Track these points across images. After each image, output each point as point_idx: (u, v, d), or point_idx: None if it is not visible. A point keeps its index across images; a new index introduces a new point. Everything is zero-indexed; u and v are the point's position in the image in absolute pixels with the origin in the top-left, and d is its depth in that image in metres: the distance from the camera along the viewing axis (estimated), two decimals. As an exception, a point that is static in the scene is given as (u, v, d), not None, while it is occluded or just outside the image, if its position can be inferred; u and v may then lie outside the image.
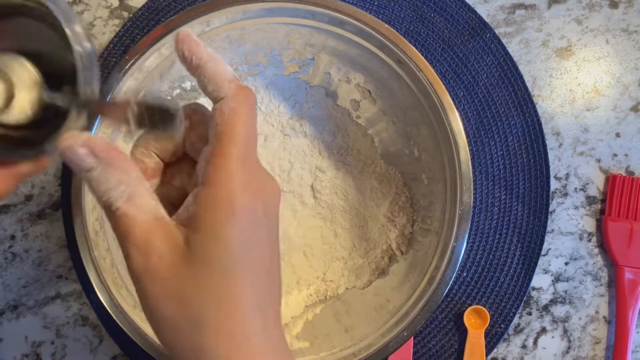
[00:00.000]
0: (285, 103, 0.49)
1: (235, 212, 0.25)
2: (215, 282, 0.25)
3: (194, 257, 0.25)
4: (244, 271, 0.25)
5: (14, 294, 0.49)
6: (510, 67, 0.51)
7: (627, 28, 0.53)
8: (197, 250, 0.25)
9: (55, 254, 0.49)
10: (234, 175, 0.25)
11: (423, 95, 0.42)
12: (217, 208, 0.25)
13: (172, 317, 0.25)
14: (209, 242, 0.25)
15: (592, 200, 0.52)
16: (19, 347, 0.49)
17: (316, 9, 0.42)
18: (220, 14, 0.42)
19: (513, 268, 0.50)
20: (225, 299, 0.25)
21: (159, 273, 0.25)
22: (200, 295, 0.25)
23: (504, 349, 0.50)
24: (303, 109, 0.50)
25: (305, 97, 0.50)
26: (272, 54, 0.47)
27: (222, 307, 0.25)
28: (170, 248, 0.25)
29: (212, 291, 0.25)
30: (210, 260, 0.24)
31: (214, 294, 0.24)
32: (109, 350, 0.49)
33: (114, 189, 0.25)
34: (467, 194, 0.42)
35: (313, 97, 0.50)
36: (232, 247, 0.25)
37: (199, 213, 0.25)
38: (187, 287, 0.25)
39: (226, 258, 0.25)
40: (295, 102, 0.49)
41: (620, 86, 0.52)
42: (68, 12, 0.26)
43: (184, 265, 0.25)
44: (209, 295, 0.24)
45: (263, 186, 0.26)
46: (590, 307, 0.51)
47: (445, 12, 0.51)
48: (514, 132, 0.51)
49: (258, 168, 0.27)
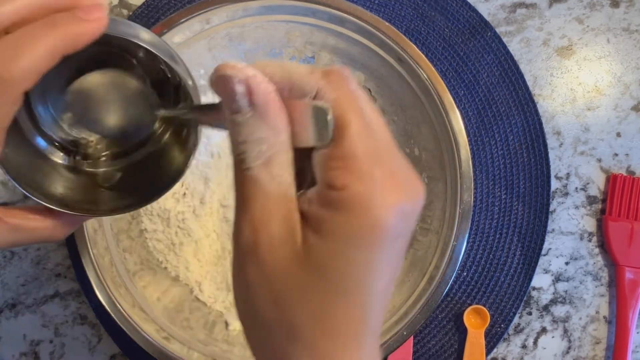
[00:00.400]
0: (285, 101, 0.49)
1: (377, 229, 0.20)
2: (327, 300, 0.21)
3: (312, 264, 0.21)
4: (371, 296, 0.21)
5: (12, 292, 0.49)
6: (511, 66, 0.51)
7: (628, 27, 0.53)
8: (318, 258, 0.21)
9: (54, 253, 0.49)
10: (367, 178, 0.20)
11: (423, 94, 0.42)
12: (351, 220, 0.20)
13: (264, 315, 0.22)
14: (336, 255, 0.20)
15: (592, 200, 0.51)
16: (18, 345, 0.49)
17: (316, 7, 0.42)
18: (220, 11, 0.42)
19: (513, 268, 0.50)
20: (331, 320, 0.21)
21: (265, 260, 0.21)
22: (305, 308, 0.21)
23: (504, 348, 0.50)
24: (303, 108, 0.49)
25: (305, 96, 0.49)
26: (272, 52, 0.47)
27: (326, 328, 0.21)
28: (287, 239, 0.21)
29: (318, 308, 0.21)
30: (332, 274, 0.21)
31: (319, 312, 0.21)
32: (107, 349, 0.49)
33: (255, 146, 0.21)
34: (468, 193, 0.41)
35: (313, 96, 0.49)
36: (365, 269, 0.21)
37: (326, 218, 0.21)
38: (292, 293, 0.21)
39: (355, 278, 0.21)
40: (295, 100, 0.49)
41: (621, 85, 0.52)
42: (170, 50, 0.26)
43: (296, 267, 0.21)
44: (313, 311, 0.21)
45: (405, 190, 0.21)
46: (590, 307, 0.51)
47: (446, 10, 0.51)
48: (515, 131, 0.51)
49: (396, 160, 0.22)
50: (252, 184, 0.21)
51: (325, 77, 0.22)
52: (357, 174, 0.20)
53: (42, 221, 0.26)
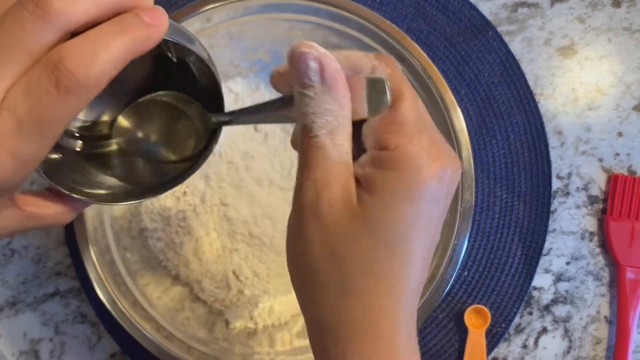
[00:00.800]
0: (286, 100, 0.49)
1: (422, 185, 0.23)
2: (378, 254, 0.23)
3: (364, 219, 0.23)
4: (412, 253, 0.24)
5: (12, 290, 0.49)
6: (513, 65, 0.51)
7: (629, 27, 0.53)
8: (369, 213, 0.23)
9: (54, 251, 0.49)
10: (416, 141, 0.23)
11: (425, 93, 0.42)
12: (400, 176, 0.23)
13: (319, 269, 0.24)
14: (385, 210, 0.23)
15: (593, 199, 0.51)
16: (18, 343, 0.49)
17: (318, 5, 0.42)
18: (220, 9, 0.42)
19: (514, 267, 0.50)
20: (383, 275, 0.23)
21: (325, 217, 0.24)
22: (357, 259, 0.23)
23: (505, 348, 0.50)
24: (304, 106, 0.49)
25: (306, 95, 0.49)
26: (273, 50, 0.47)
27: (372, 279, 0.23)
28: (344, 199, 0.24)
29: (370, 260, 0.23)
30: (381, 228, 0.23)
31: (369, 264, 0.23)
32: (107, 348, 0.49)
33: (322, 117, 0.24)
34: (469, 192, 0.41)
35: (314, 95, 0.49)
36: (410, 224, 0.23)
37: (377, 176, 0.23)
38: (346, 245, 0.24)
39: (400, 233, 0.23)
40: (296, 99, 0.49)
41: (623, 85, 0.52)
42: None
43: (351, 223, 0.23)
44: (364, 262, 0.23)
45: (447, 158, 0.24)
46: (591, 307, 0.51)
47: (447, 9, 0.51)
48: (516, 130, 0.51)
49: (438, 135, 0.25)
50: (318, 150, 0.24)
51: (379, 58, 0.25)
52: (407, 137, 0.23)
53: (54, 208, 0.27)
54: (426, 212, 0.24)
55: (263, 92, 0.49)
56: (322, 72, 0.24)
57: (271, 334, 0.46)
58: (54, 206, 0.27)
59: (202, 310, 0.47)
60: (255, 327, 0.46)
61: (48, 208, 0.27)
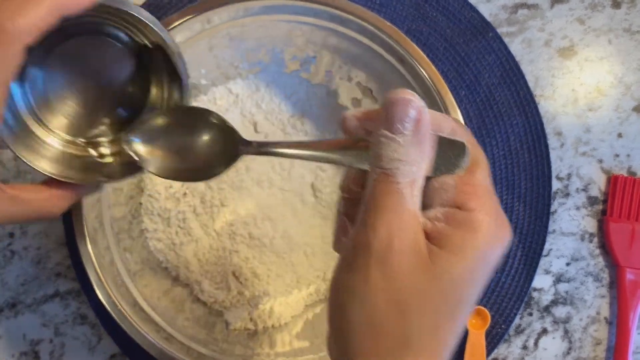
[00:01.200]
0: (286, 101, 0.49)
1: (495, 250, 0.24)
2: (442, 310, 0.23)
3: (435, 273, 0.23)
4: (466, 307, 0.24)
5: (12, 291, 0.49)
6: (512, 66, 0.51)
7: (629, 28, 0.53)
8: (441, 268, 0.23)
9: (54, 252, 0.49)
10: (488, 208, 0.24)
11: (425, 94, 0.42)
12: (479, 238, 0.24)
13: (382, 320, 0.23)
14: (463, 269, 0.23)
15: (593, 200, 0.51)
16: (17, 345, 0.48)
17: (318, 7, 0.42)
18: (221, 11, 0.42)
19: (514, 268, 0.50)
20: (446, 334, 0.24)
21: (394, 265, 0.23)
22: (421, 314, 0.23)
23: (505, 349, 0.50)
24: (304, 108, 0.49)
25: (306, 96, 0.49)
26: (273, 51, 0.47)
27: (441, 343, 0.24)
28: (415, 250, 0.24)
29: (433, 317, 0.23)
30: (454, 286, 0.23)
31: (433, 321, 0.23)
32: (107, 349, 0.49)
33: (408, 165, 0.24)
34: (469, 194, 0.41)
35: (314, 96, 0.49)
36: (476, 285, 0.24)
37: (454, 234, 0.24)
38: (414, 298, 0.23)
39: (468, 292, 0.24)
40: (296, 100, 0.49)
41: (623, 86, 0.52)
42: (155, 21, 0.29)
43: (421, 274, 0.23)
44: (428, 319, 0.23)
45: (508, 228, 0.25)
46: (591, 308, 0.51)
47: (447, 11, 0.51)
48: (516, 131, 0.51)
49: (498, 204, 0.26)
50: (396, 196, 0.24)
51: (457, 121, 0.27)
52: (482, 201, 0.24)
53: (39, 192, 0.28)
54: (488, 276, 0.25)
55: (263, 93, 0.49)
56: (419, 122, 0.24)
57: (271, 335, 0.46)
58: (38, 191, 0.28)
59: (202, 311, 0.47)
60: (255, 328, 0.46)
61: (32, 192, 0.28)
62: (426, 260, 0.23)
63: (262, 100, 0.49)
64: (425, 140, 0.24)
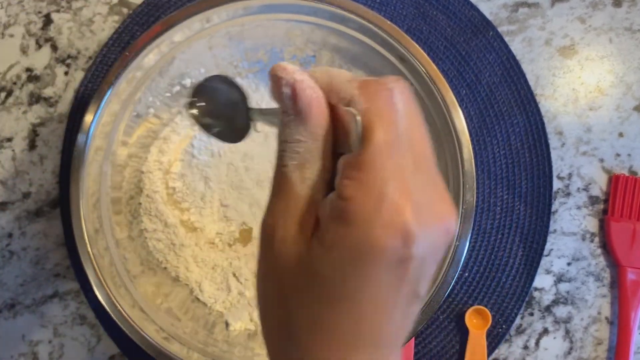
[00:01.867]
0: (286, 101, 0.49)
1: (371, 250, 0.19)
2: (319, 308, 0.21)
3: (310, 269, 0.21)
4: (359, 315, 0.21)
5: (11, 292, 0.48)
6: (513, 65, 0.51)
7: (630, 27, 0.53)
8: (316, 265, 0.21)
9: (53, 252, 0.49)
10: (376, 194, 0.19)
11: (425, 93, 0.42)
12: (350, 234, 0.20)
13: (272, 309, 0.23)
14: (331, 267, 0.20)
15: (594, 200, 0.51)
16: (16, 346, 0.48)
17: (318, 6, 0.41)
18: (220, 10, 0.41)
19: (515, 268, 0.49)
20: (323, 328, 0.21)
21: (276, 256, 0.22)
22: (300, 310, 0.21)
23: (506, 349, 0.50)
24: (304, 107, 0.49)
25: (306, 95, 0.49)
26: (272, 50, 0.46)
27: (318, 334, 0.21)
28: (298, 241, 0.21)
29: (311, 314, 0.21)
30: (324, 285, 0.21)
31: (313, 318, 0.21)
32: (106, 350, 0.48)
33: (292, 146, 0.22)
34: (470, 193, 0.41)
35: (314, 95, 0.49)
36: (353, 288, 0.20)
37: (329, 228, 0.20)
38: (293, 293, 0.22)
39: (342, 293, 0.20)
40: (296, 99, 0.49)
41: (623, 85, 0.52)
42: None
43: (298, 269, 0.21)
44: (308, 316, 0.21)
45: (423, 214, 0.20)
46: (592, 308, 0.50)
47: (447, 9, 0.51)
48: (517, 131, 0.50)
49: (423, 183, 0.21)
50: (284, 180, 0.22)
51: (362, 87, 0.21)
52: (366, 187, 0.20)
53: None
54: (384, 276, 0.20)
55: (262, 92, 0.48)
56: (295, 100, 0.21)
57: (271, 336, 0.46)
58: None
59: (202, 312, 0.46)
60: (256, 329, 0.46)
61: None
62: (304, 254, 0.21)
63: (261, 99, 0.49)
64: (309, 118, 0.21)
